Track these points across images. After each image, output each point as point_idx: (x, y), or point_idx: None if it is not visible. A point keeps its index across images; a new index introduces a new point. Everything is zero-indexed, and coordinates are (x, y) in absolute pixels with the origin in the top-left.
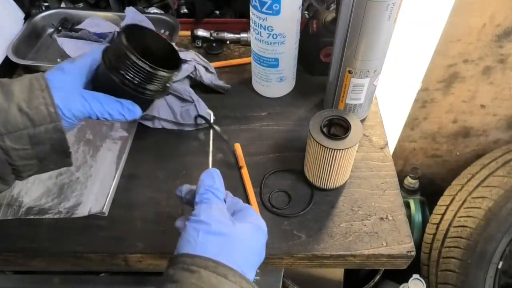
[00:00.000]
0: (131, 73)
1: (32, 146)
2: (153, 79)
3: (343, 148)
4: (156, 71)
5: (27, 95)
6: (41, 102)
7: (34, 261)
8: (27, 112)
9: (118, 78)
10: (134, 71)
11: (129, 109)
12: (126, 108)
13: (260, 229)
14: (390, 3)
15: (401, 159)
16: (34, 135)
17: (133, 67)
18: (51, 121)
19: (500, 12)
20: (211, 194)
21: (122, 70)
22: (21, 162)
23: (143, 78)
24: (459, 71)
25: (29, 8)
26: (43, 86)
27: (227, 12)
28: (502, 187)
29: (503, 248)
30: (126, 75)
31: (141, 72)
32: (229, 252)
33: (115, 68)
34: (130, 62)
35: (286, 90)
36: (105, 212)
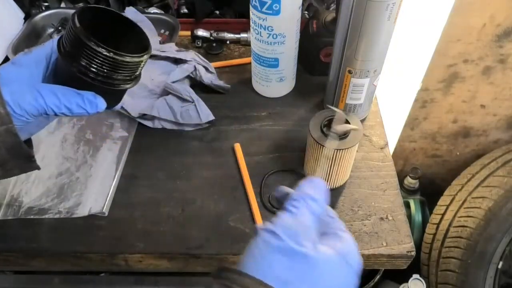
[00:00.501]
0: (90, 61)
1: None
2: (118, 67)
3: (343, 148)
4: (119, 57)
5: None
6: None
7: (34, 261)
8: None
9: (75, 67)
10: (93, 58)
11: (91, 101)
12: (87, 100)
13: (348, 264)
14: (390, 3)
15: (401, 159)
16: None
17: (91, 54)
18: (2, 124)
19: (500, 12)
20: (302, 204)
21: (79, 58)
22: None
23: (104, 66)
24: (459, 71)
25: (29, 8)
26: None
27: (227, 12)
28: (502, 187)
29: (503, 248)
30: (84, 64)
31: (101, 59)
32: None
33: (71, 56)
34: (86, 47)
35: (286, 90)
36: (105, 212)
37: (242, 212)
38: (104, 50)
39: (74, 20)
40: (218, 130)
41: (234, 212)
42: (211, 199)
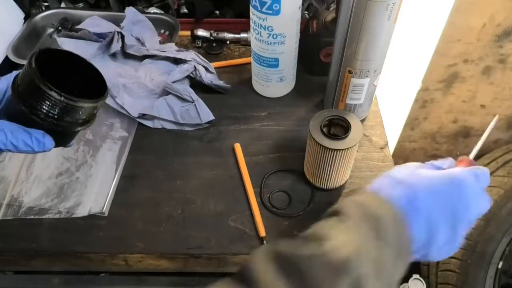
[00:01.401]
0: (41, 103)
1: None
2: (70, 111)
3: (343, 148)
4: (71, 102)
5: None
6: None
7: (34, 261)
8: None
9: (27, 107)
10: (44, 101)
11: (38, 140)
12: (34, 139)
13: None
14: (390, 3)
15: (401, 159)
16: None
17: (43, 96)
18: None
19: (500, 12)
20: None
21: (31, 98)
22: None
23: (56, 109)
24: (459, 71)
25: (29, 8)
26: None
27: (227, 12)
28: (502, 187)
29: (503, 248)
30: (35, 105)
31: (53, 102)
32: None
33: (24, 95)
34: (38, 90)
35: (286, 90)
36: (105, 212)
37: (242, 212)
38: (56, 94)
39: (31, 61)
40: (218, 130)
41: (234, 212)
42: (211, 199)
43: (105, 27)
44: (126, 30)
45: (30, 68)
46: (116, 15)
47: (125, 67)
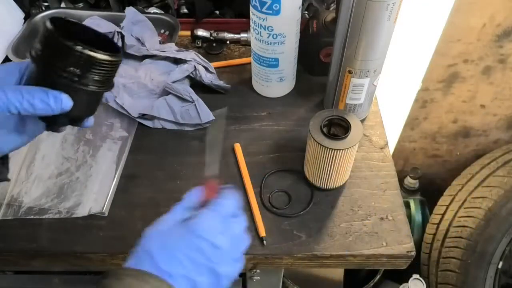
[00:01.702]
0: (63, 60)
1: None
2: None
3: (343, 148)
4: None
5: None
6: None
7: (34, 261)
8: None
9: (48, 68)
10: (67, 57)
11: (55, 96)
12: (51, 95)
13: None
14: (390, 3)
15: (401, 159)
16: None
17: (65, 52)
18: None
19: (500, 12)
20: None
21: (52, 58)
22: None
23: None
24: (459, 71)
25: (29, 8)
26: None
27: (227, 12)
28: (502, 187)
29: (503, 248)
30: (57, 64)
31: (74, 56)
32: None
33: (44, 57)
34: (59, 46)
35: (286, 90)
36: (105, 212)
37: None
38: (79, 47)
39: (46, 24)
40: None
41: None
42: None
43: (105, 27)
44: (126, 30)
45: (47, 29)
46: (116, 15)
47: (125, 67)
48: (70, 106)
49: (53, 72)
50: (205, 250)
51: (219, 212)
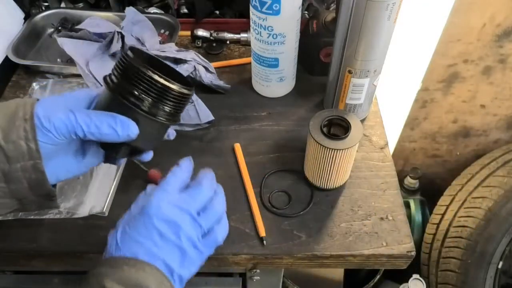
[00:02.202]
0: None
1: (7, 184)
2: (161, 94)
3: (343, 148)
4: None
5: (7, 125)
6: (20, 136)
7: (34, 261)
8: (3, 145)
9: (120, 93)
10: (140, 84)
11: (123, 122)
12: (119, 121)
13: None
14: (390, 3)
15: (401, 159)
16: (9, 172)
17: (140, 78)
18: (30, 158)
19: (500, 12)
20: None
21: (125, 85)
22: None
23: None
24: (459, 71)
25: (29, 8)
26: (27, 116)
27: (227, 12)
28: (502, 187)
29: (503, 248)
30: (131, 90)
31: (150, 84)
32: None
33: (117, 84)
34: (136, 72)
35: (286, 90)
36: (105, 212)
37: (242, 212)
38: (157, 75)
39: (127, 52)
40: (218, 130)
41: (234, 212)
42: None
43: (105, 27)
44: (126, 30)
45: (127, 56)
46: (116, 15)
47: None
48: (136, 134)
49: (125, 99)
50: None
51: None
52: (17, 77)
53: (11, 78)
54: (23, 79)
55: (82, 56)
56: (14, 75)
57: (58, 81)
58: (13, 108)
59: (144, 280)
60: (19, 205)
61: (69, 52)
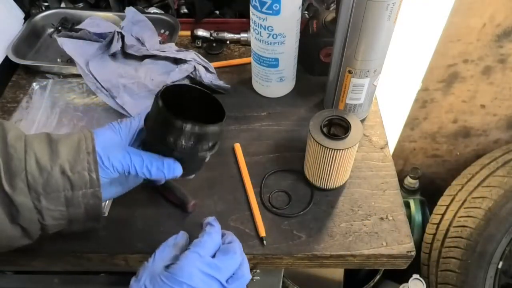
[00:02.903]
0: (176, 136)
1: (67, 208)
2: (195, 136)
3: (343, 148)
4: (199, 130)
5: (73, 157)
6: (84, 167)
7: (34, 261)
8: (69, 176)
9: (157, 139)
10: (171, 131)
11: (169, 165)
12: (166, 164)
13: None
14: (390, 3)
15: (401, 159)
16: (72, 198)
17: (169, 127)
18: (91, 187)
19: (500, 12)
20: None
21: (159, 131)
22: (52, 221)
23: (183, 136)
24: (459, 71)
25: (29, 8)
26: (90, 149)
27: (227, 12)
28: (502, 187)
29: (503, 248)
30: (164, 136)
31: (179, 131)
32: None
33: (153, 130)
34: (163, 122)
35: (286, 90)
36: (105, 212)
37: (242, 212)
38: (189, 126)
39: (157, 98)
40: None
41: (234, 212)
42: (211, 199)
43: (105, 27)
44: (126, 30)
45: (156, 105)
46: (116, 15)
47: (125, 67)
48: (180, 174)
49: (164, 145)
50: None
51: (199, 253)
52: (17, 77)
53: (11, 78)
54: (23, 79)
55: (82, 56)
56: (14, 75)
57: (58, 81)
58: (75, 142)
59: None
60: (68, 226)
61: (69, 52)
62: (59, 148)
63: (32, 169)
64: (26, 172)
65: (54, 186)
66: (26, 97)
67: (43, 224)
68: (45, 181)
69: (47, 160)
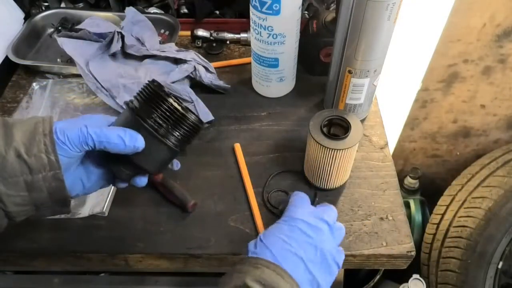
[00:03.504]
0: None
1: (29, 193)
2: (180, 123)
3: (343, 148)
4: (185, 112)
5: (28, 140)
6: (41, 149)
7: (34, 261)
8: (26, 159)
9: (137, 116)
10: (160, 109)
11: (131, 135)
12: (128, 133)
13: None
14: (390, 3)
15: (401, 159)
16: (32, 182)
17: (161, 104)
18: (51, 169)
19: (500, 12)
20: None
21: (145, 108)
22: (16, 208)
23: (168, 118)
24: (459, 71)
25: (29, 8)
26: (47, 131)
27: (227, 12)
28: (502, 187)
29: (503, 248)
30: (148, 114)
31: (169, 110)
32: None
33: (139, 108)
34: (158, 98)
35: (286, 90)
36: (105, 212)
37: (242, 212)
38: (176, 103)
39: (153, 81)
40: (218, 130)
41: (234, 212)
42: (211, 199)
43: (105, 27)
44: (126, 30)
45: (152, 83)
46: (116, 15)
47: (125, 67)
48: (142, 147)
49: (142, 120)
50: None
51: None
52: (17, 77)
53: (11, 78)
54: (23, 79)
55: (82, 56)
56: (14, 75)
57: (58, 81)
58: (32, 125)
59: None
60: (36, 211)
61: (69, 52)
62: (14, 131)
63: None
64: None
65: (10, 171)
66: (26, 97)
67: (6, 211)
68: (0, 165)
69: (1, 144)
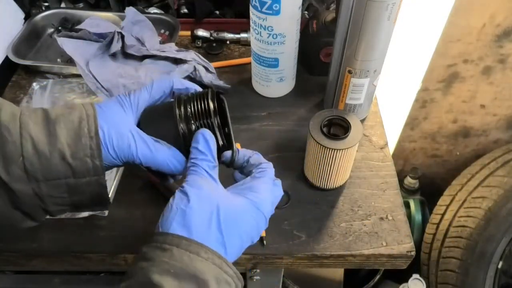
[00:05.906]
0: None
1: (70, 195)
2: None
3: (343, 148)
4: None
5: (73, 141)
6: (87, 154)
7: (34, 261)
8: (70, 162)
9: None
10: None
11: (180, 163)
12: (174, 159)
13: (256, 210)
14: (390, 3)
15: (401, 159)
16: (75, 186)
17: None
18: (95, 174)
19: (500, 12)
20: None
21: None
22: (55, 207)
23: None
24: (459, 71)
25: (29, 8)
26: (93, 132)
27: (227, 12)
28: (502, 187)
29: (503, 248)
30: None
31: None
32: (205, 229)
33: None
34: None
35: (286, 90)
36: (105, 212)
37: None
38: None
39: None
40: None
41: None
42: None
43: (105, 27)
44: (126, 30)
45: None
46: (116, 15)
47: (125, 67)
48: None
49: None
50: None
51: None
52: (17, 77)
53: (11, 78)
54: (23, 79)
55: (82, 56)
56: (14, 75)
57: (58, 81)
58: (76, 123)
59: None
60: (74, 210)
61: (69, 52)
62: (57, 129)
63: (29, 154)
64: (23, 158)
65: (54, 173)
66: (26, 97)
67: (46, 210)
68: (44, 167)
69: (45, 144)
